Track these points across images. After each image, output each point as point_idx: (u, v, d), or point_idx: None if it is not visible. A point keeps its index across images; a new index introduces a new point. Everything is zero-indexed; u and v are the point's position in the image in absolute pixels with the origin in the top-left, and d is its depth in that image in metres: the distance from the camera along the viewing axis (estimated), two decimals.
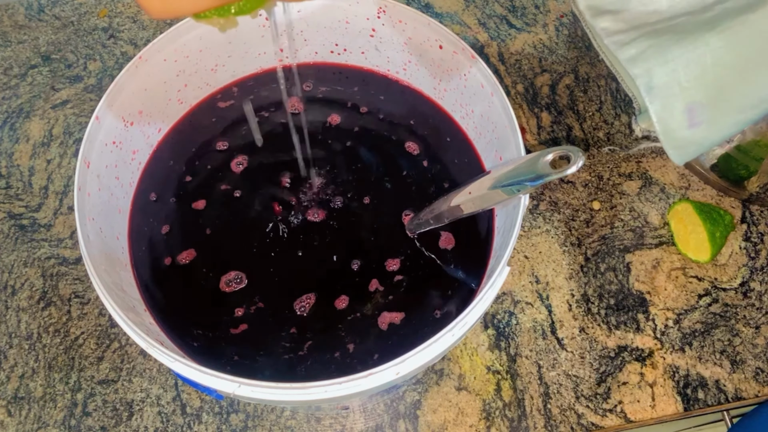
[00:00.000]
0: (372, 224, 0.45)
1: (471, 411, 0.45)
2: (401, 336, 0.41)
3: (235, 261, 0.43)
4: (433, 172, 0.46)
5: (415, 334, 0.41)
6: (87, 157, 0.39)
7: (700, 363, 0.47)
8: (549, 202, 0.53)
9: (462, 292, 0.42)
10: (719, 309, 0.49)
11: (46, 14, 0.63)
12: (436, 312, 0.41)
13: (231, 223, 0.45)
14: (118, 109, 0.42)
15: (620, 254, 0.51)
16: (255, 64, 0.49)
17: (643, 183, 0.54)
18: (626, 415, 0.45)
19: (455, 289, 0.42)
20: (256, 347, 0.40)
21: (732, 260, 0.51)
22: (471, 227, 0.44)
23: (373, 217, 0.45)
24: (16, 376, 0.46)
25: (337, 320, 0.41)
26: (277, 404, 0.44)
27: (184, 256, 0.43)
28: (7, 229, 0.52)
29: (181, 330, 0.40)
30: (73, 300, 0.49)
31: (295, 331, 0.41)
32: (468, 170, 0.46)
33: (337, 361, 0.40)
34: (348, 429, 0.45)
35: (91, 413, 0.45)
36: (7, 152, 0.56)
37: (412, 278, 0.43)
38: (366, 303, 0.42)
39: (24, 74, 0.60)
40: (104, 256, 0.39)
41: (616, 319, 0.48)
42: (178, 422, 0.45)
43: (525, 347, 0.47)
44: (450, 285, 0.42)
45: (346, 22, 0.47)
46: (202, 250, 0.44)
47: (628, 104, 0.57)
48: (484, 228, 0.44)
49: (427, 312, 0.41)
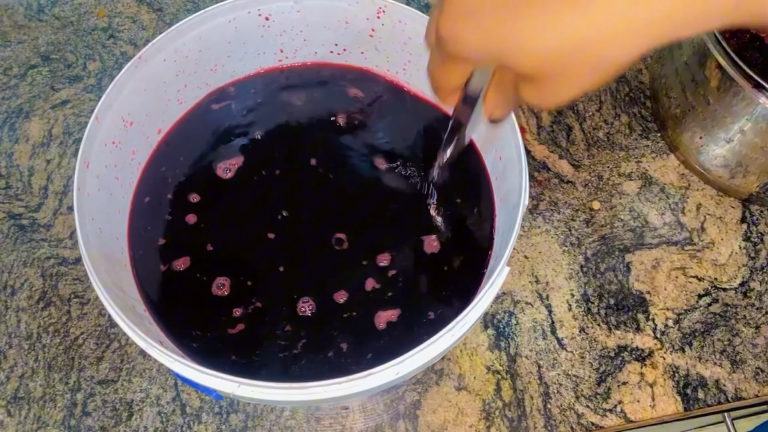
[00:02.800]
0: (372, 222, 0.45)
1: (471, 411, 0.45)
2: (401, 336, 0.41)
3: (236, 261, 0.43)
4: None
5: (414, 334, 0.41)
6: (87, 158, 0.39)
7: (700, 363, 0.47)
8: (549, 202, 0.53)
9: (462, 292, 0.42)
10: (719, 309, 0.49)
11: (45, 14, 0.63)
12: (436, 312, 0.41)
13: (231, 223, 0.45)
14: (117, 109, 0.42)
15: (620, 254, 0.51)
16: (255, 64, 0.49)
17: (643, 183, 0.54)
18: (626, 415, 0.45)
19: (455, 289, 0.42)
20: (256, 347, 0.40)
21: (732, 260, 0.51)
22: (471, 227, 0.44)
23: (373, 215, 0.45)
24: (16, 376, 0.46)
25: (334, 319, 0.41)
26: (277, 404, 0.44)
27: (183, 256, 0.43)
28: (7, 229, 0.52)
29: (181, 330, 0.40)
30: (73, 300, 0.49)
31: (292, 331, 0.41)
32: (468, 170, 0.46)
33: (334, 360, 0.40)
34: (348, 429, 0.45)
35: (90, 413, 0.45)
36: (7, 152, 0.56)
37: (412, 278, 0.43)
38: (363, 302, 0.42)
39: (24, 74, 0.60)
40: (104, 256, 0.39)
41: (616, 319, 0.48)
42: (177, 422, 0.45)
43: (525, 347, 0.47)
44: (450, 285, 0.42)
45: (346, 22, 0.47)
46: (202, 250, 0.44)
47: (628, 104, 0.57)
48: (484, 228, 0.44)
49: (427, 312, 0.41)
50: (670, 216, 0.52)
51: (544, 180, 0.54)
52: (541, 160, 0.55)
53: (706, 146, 0.51)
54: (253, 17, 0.46)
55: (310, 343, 0.41)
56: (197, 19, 0.43)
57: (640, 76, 0.59)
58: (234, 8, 0.44)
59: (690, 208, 0.53)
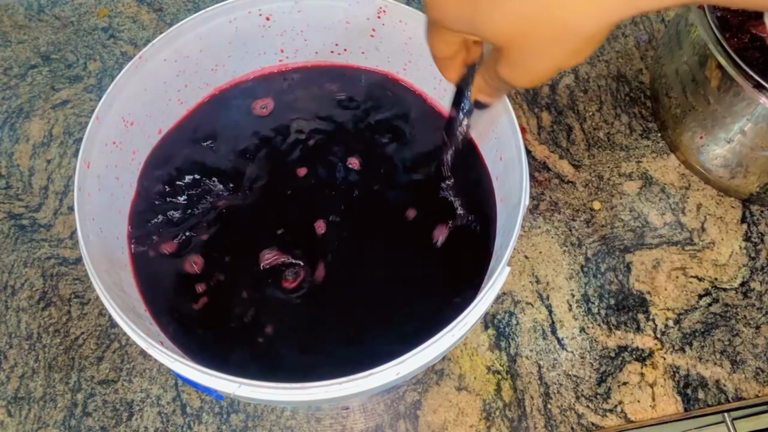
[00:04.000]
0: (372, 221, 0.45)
1: (471, 411, 0.45)
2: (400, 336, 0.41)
3: (236, 261, 0.43)
4: (434, 171, 0.46)
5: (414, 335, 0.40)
6: (87, 158, 0.39)
7: (701, 363, 0.47)
8: (549, 202, 0.53)
9: (462, 293, 0.42)
10: (719, 309, 0.49)
11: (46, 14, 0.63)
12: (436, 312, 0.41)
13: (231, 223, 0.45)
14: (118, 109, 0.42)
15: (620, 254, 0.51)
16: (255, 64, 0.49)
17: (644, 183, 0.54)
18: (626, 415, 0.45)
19: (455, 290, 0.42)
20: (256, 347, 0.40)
21: (732, 260, 0.51)
22: (471, 227, 0.44)
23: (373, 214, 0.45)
24: (16, 376, 0.46)
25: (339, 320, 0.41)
26: (278, 404, 0.44)
27: (183, 257, 0.43)
28: (7, 229, 0.52)
29: (181, 330, 0.40)
30: (73, 300, 0.49)
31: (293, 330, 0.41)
32: (469, 170, 0.46)
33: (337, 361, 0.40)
34: (348, 429, 0.45)
35: (91, 413, 0.45)
36: (7, 152, 0.56)
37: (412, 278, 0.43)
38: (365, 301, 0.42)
39: (24, 74, 0.60)
40: (104, 256, 0.39)
41: (617, 319, 0.48)
42: (178, 422, 0.45)
43: (525, 347, 0.47)
44: (450, 285, 0.42)
45: (347, 22, 0.47)
46: (202, 250, 0.44)
47: (629, 104, 0.57)
48: (484, 228, 0.44)
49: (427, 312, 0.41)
50: (671, 216, 0.52)
51: (544, 180, 0.54)
52: (542, 160, 0.55)
53: (707, 146, 0.51)
54: (254, 17, 0.46)
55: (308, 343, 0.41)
56: (197, 19, 0.43)
57: (640, 76, 0.59)
58: (234, 8, 0.44)
59: (690, 208, 0.53)
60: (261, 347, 0.41)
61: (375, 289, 0.42)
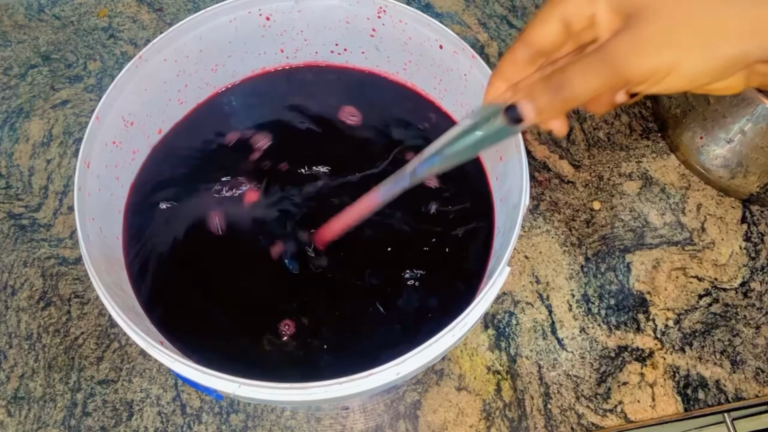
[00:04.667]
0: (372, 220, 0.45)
1: (471, 411, 0.45)
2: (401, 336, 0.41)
3: (237, 261, 0.43)
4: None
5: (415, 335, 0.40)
6: (87, 157, 0.39)
7: (701, 363, 0.47)
8: (549, 202, 0.53)
9: (462, 293, 0.42)
10: (719, 309, 0.49)
11: (46, 14, 0.63)
12: (436, 312, 0.41)
13: (231, 223, 0.45)
14: (118, 109, 0.42)
15: (620, 254, 0.51)
16: (255, 64, 0.49)
17: (644, 183, 0.54)
18: (626, 416, 0.45)
19: (455, 290, 0.42)
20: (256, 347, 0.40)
21: (732, 260, 0.51)
22: (472, 227, 0.44)
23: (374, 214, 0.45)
24: (16, 376, 0.46)
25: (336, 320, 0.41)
26: (278, 404, 0.44)
27: (184, 257, 0.43)
28: (7, 229, 0.52)
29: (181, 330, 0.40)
30: (73, 300, 0.49)
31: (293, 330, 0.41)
32: (469, 170, 0.45)
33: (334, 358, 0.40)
34: (348, 429, 0.45)
35: (91, 413, 0.45)
36: (7, 152, 0.56)
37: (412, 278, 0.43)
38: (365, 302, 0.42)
39: (24, 74, 0.60)
40: (104, 256, 0.39)
41: (617, 319, 0.48)
42: (178, 422, 0.45)
43: (525, 347, 0.47)
44: (450, 285, 0.42)
45: (347, 22, 0.47)
46: (202, 250, 0.44)
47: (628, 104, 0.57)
48: (484, 228, 0.44)
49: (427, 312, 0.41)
50: (671, 216, 0.52)
51: (544, 180, 0.54)
52: (542, 160, 0.55)
53: (707, 146, 0.51)
54: (254, 17, 0.46)
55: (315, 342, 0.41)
56: (198, 18, 0.43)
57: None
58: (234, 8, 0.44)
59: (690, 209, 0.53)
60: (261, 347, 0.40)
61: (375, 289, 0.42)
